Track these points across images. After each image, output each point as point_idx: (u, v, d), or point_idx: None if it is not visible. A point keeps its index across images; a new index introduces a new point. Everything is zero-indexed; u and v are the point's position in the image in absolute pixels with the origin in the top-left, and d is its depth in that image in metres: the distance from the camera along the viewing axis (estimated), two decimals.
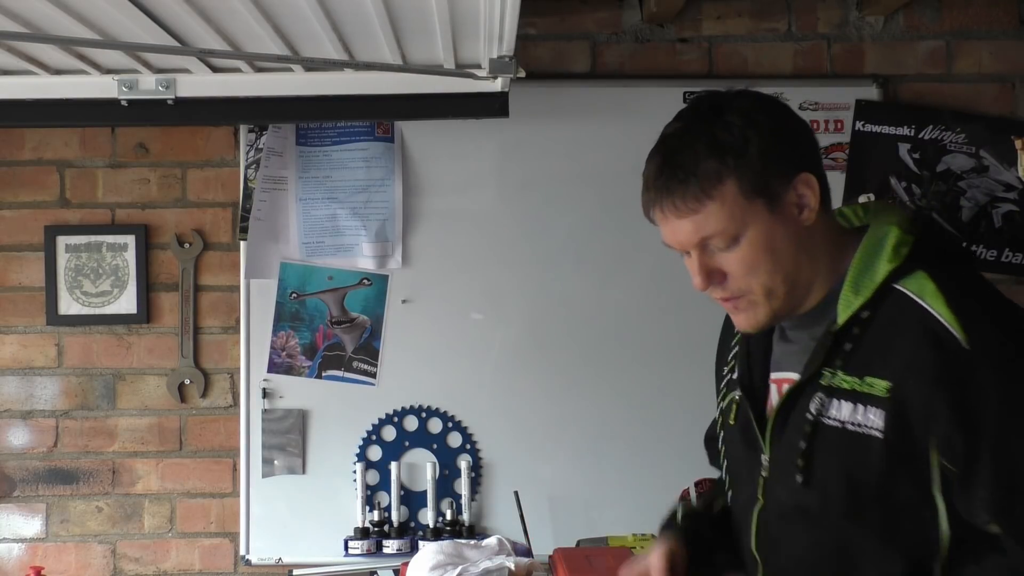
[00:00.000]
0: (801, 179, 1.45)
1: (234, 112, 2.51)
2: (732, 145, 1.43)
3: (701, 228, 1.45)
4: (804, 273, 1.48)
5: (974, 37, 3.09)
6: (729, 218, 1.43)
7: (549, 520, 2.96)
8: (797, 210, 1.46)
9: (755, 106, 1.48)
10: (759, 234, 1.44)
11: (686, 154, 1.46)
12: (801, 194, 1.45)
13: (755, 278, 1.46)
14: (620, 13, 3.07)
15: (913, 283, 1.41)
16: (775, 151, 1.44)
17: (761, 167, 1.43)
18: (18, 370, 3.05)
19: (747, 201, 1.43)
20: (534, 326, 3.01)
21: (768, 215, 1.44)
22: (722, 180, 1.43)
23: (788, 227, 1.45)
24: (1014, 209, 3.02)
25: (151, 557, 3.04)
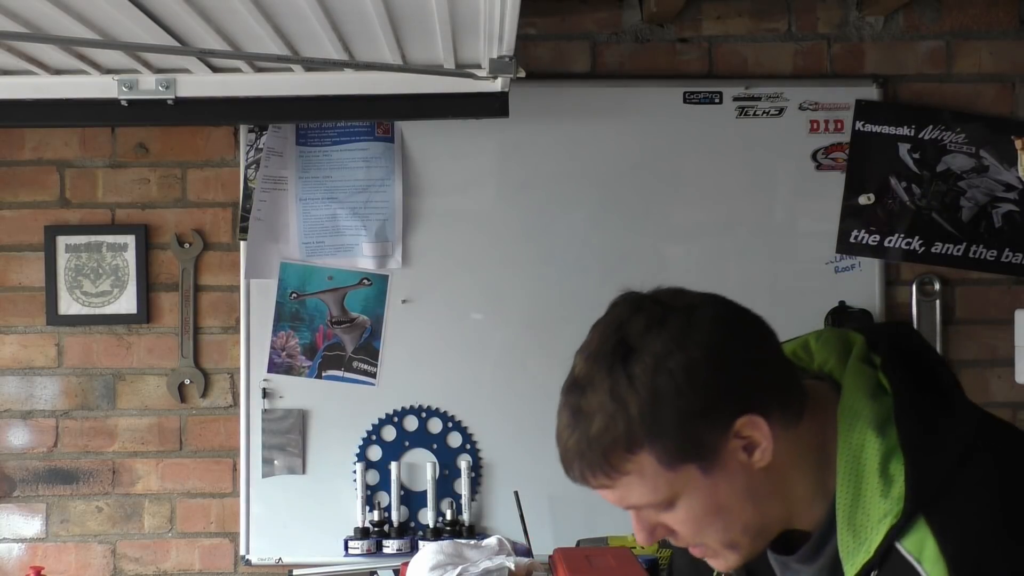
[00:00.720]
0: (742, 424, 1.18)
1: (234, 112, 2.51)
2: (640, 410, 1.16)
3: (623, 499, 1.24)
4: (775, 511, 1.24)
5: (974, 37, 3.09)
6: (653, 490, 1.20)
7: (549, 520, 2.96)
8: (745, 454, 1.19)
9: (669, 346, 1.17)
10: (697, 499, 1.20)
11: (591, 419, 1.20)
12: (746, 437, 1.18)
13: (707, 536, 1.24)
14: (620, 13, 3.07)
15: (912, 541, 1.14)
16: (698, 405, 1.16)
17: (682, 429, 1.16)
18: (18, 370, 3.05)
19: (671, 470, 1.18)
20: (534, 326, 3.01)
21: (704, 478, 1.18)
22: (634, 452, 1.18)
23: (735, 479, 1.19)
24: (1014, 209, 3.02)
25: (151, 557, 3.04)
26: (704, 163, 3.03)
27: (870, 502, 1.18)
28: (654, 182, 3.02)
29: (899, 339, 1.28)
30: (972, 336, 3.06)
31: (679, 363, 1.16)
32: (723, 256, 3.02)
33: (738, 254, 3.02)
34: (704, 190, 3.03)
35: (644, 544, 1.29)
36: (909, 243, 3.02)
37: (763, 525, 1.24)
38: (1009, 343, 2.86)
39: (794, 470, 1.23)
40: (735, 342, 1.21)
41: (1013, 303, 2.97)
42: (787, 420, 1.21)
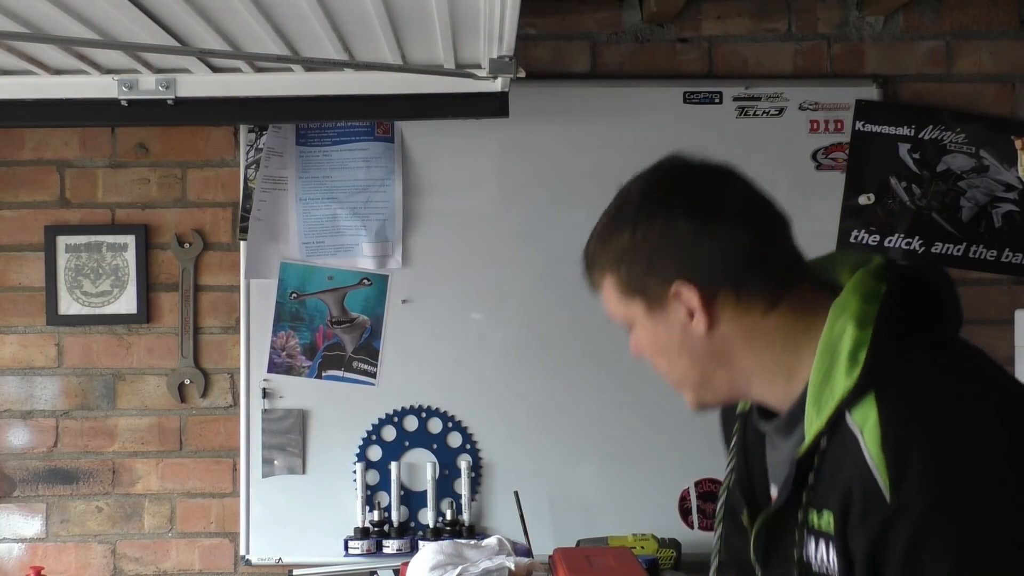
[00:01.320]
0: (677, 286, 1.37)
1: (234, 112, 2.51)
2: (616, 244, 1.44)
3: (604, 303, 1.48)
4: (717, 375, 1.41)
5: (974, 37, 3.09)
6: (615, 304, 1.45)
7: (549, 520, 2.96)
8: (687, 317, 1.38)
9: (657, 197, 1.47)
10: (643, 333, 1.44)
11: (597, 240, 1.49)
12: (685, 300, 1.37)
13: (659, 368, 1.46)
14: (620, 13, 3.07)
15: (859, 413, 1.26)
16: (654, 253, 1.40)
17: (636, 269, 1.41)
18: (18, 370, 3.05)
19: (625, 297, 1.43)
20: (534, 326, 3.01)
21: (647, 315, 1.41)
22: (604, 273, 1.45)
23: (673, 332, 1.39)
24: (1014, 209, 3.02)
25: (151, 557, 3.04)
26: None
27: (836, 381, 1.30)
28: None
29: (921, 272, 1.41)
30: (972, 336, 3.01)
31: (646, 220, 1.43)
32: None
33: None
34: None
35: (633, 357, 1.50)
36: (909, 243, 3.02)
37: (703, 381, 1.42)
38: (1009, 343, 2.85)
39: (745, 349, 1.39)
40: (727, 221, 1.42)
41: (1013, 303, 2.97)
42: (749, 304, 1.38)
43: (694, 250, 1.39)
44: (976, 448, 1.21)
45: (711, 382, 1.42)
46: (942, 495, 1.19)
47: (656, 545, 2.77)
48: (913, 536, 1.19)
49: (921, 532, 1.19)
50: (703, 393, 1.43)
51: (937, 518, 1.18)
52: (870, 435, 1.24)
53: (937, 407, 1.25)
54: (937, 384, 1.28)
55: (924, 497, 1.19)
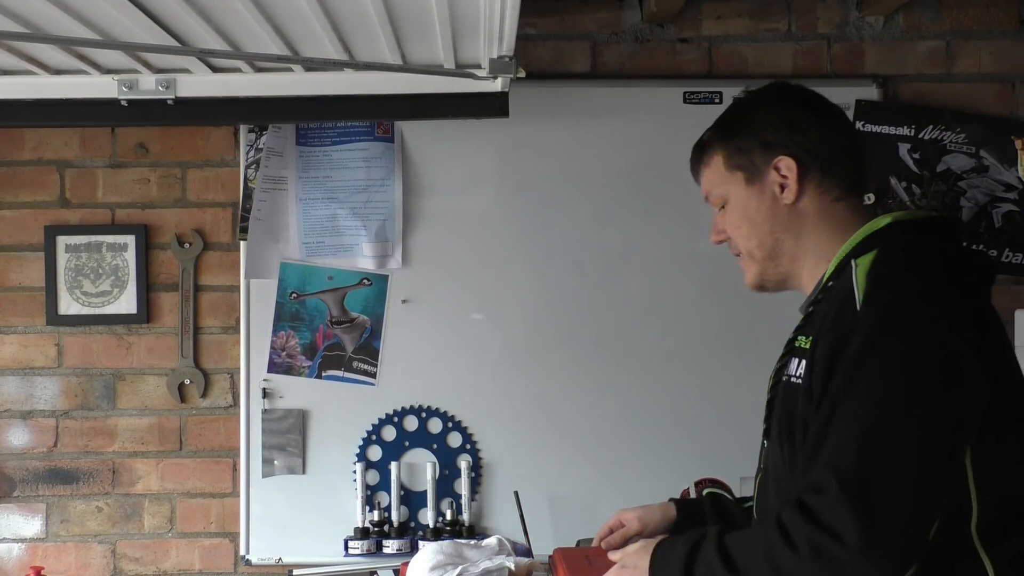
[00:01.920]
0: (782, 162, 1.66)
1: (234, 112, 2.51)
2: (729, 123, 1.74)
3: (705, 185, 1.77)
4: (785, 246, 1.68)
5: (974, 37, 3.09)
6: (717, 181, 1.73)
7: (549, 520, 2.96)
8: (779, 188, 1.66)
9: (776, 92, 1.74)
10: (737, 201, 1.71)
11: (712, 129, 1.77)
12: (783, 175, 1.66)
13: (738, 239, 1.72)
14: (620, 13, 3.07)
15: (863, 257, 1.55)
16: (762, 133, 1.67)
17: (744, 145, 1.69)
18: (18, 370, 3.05)
19: (728, 172, 1.71)
20: (534, 326, 3.01)
21: (744, 187, 1.69)
22: (714, 151, 1.74)
23: (763, 201, 1.68)
24: (1014, 209, 3.02)
25: (151, 557, 3.04)
26: None
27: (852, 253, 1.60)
28: (654, 182, 3.02)
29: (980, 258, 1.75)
30: None
31: (775, 105, 1.71)
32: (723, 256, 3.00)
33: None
34: None
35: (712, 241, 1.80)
36: None
37: (773, 250, 1.69)
38: None
39: (813, 225, 1.67)
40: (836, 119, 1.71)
41: (1013, 303, 2.96)
42: (828, 188, 1.66)
43: (800, 133, 1.66)
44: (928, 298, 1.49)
45: (779, 253, 1.69)
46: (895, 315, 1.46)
47: None
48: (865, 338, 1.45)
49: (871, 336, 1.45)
50: (767, 265, 1.70)
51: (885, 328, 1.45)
52: (861, 267, 1.54)
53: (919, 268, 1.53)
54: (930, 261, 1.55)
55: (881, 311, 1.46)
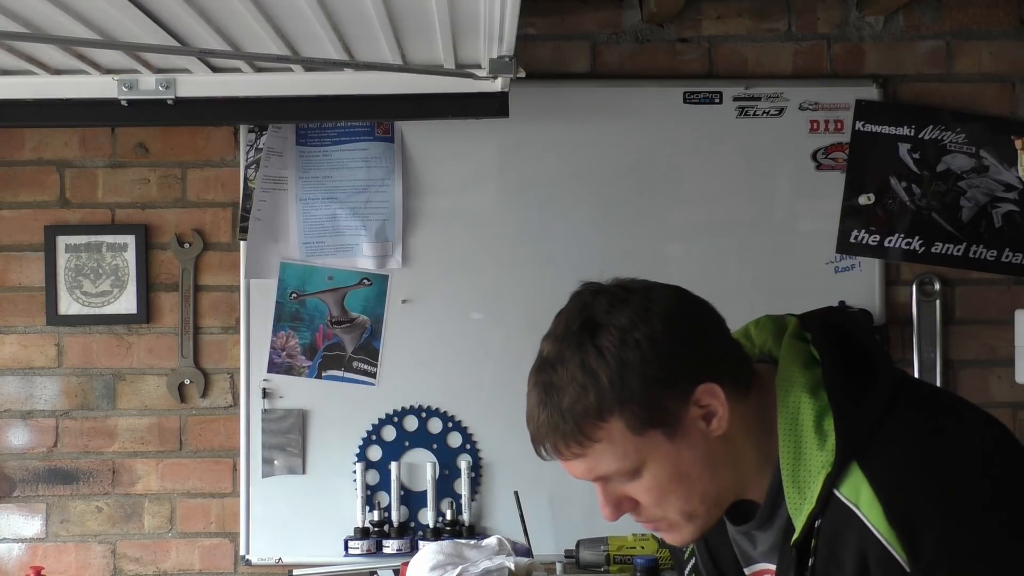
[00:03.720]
0: (702, 392, 1.29)
1: (234, 112, 2.51)
2: (609, 377, 1.27)
3: (594, 469, 1.32)
4: (728, 481, 1.34)
5: (974, 37, 3.09)
6: (622, 456, 1.29)
7: (549, 520, 2.96)
8: (704, 423, 1.30)
9: (633, 320, 1.29)
10: (662, 465, 1.30)
11: (562, 392, 1.29)
12: (705, 406, 1.29)
13: (669, 506, 1.33)
14: (620, 13, 3.07)
15: (849, 487, 1.25)
16: (662, 373, 1.27)
17: (649, 395, 1.27)
18: (18, 370, 3.05)
19: (639, 435, 1.28)
20: (534, 326, 3.00)
21: (668, 443, 1.29)
22: (604, 419, 1.28)
23: (696, 446, 1.30)
24: (1014, 209, 3.02)
25: (151, 557, 3.04)
26: (704, 163, 3.03)
27: (809, 457, 1.28)
28: (654, 182, 3.02)
29: (829, 317, 1.39)
30: (972, 336, 3.06)
31: (643, 334, 1.28)
32: (723, 256, 3.02)
33: (738, 254, 3.02)
34: (704, 190, 3.03)
35: (609, 519, 1.36)
36: (909, 243, 3.02)
37: (718, 494, 1.34)
38: (1009, 343, 2.86)
39: (744, 440, 1.33)
40: (691, 318, 1.33)
41: (1013, 303, 2.97)
42: (738, 393, 1.32)
43: (696, 341, 1.32)
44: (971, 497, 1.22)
45: (722, 494, 1.34)
46: (961, 553, 1.20)
47: (656, 545, 2.77)
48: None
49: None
50: (713, 514, 1.35)
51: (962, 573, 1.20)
52: (869, 510, 1.23)
53: (923, 465, 1.24)
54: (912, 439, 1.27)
55: (944, 557, 1.20)
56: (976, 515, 1.21)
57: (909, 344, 3.03)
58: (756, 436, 1.34)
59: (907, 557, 1.20)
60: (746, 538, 1.41)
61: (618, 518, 1.36)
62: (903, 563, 1.21)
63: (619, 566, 2.76)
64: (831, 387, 1.29)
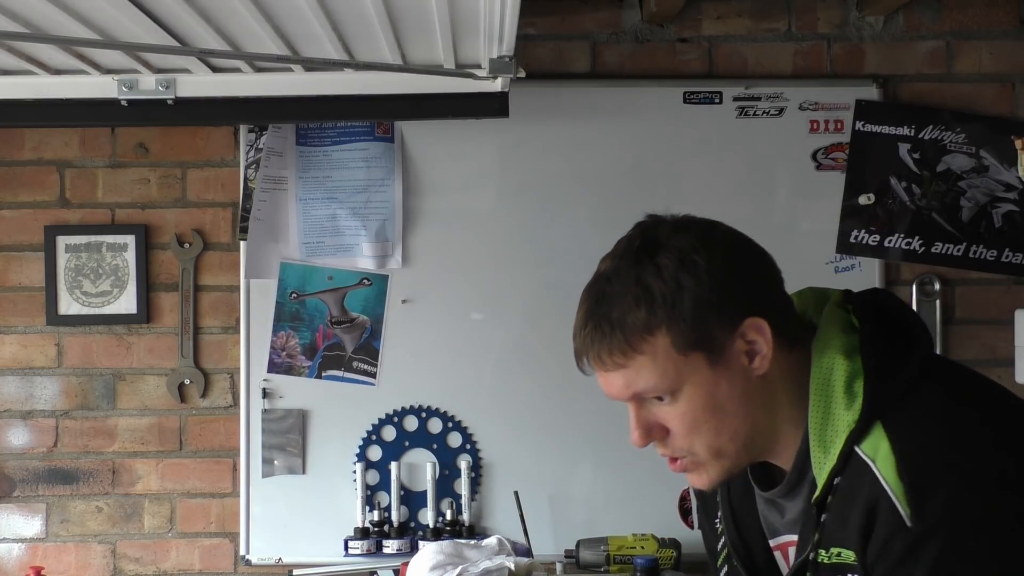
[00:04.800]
0: (749, 325, 1.29)
1: (234, 112, 2.51)
2: (663, 293, 1.28)
3: (632, 383, 1.31)
4: (762, 425, 1.33)
5: (974, 37, 3.09)
6: (662, 374, 1.29)
7: (549, 520, 2.96)
8: (747, 359, 1.30)
9: (694, 244, 1.31)
10: (699, 390, 1.29)
11: (613, 302, 1.30)
12: (751, 341, 1.30)
13: (698, 437, 1.32)
14: (620, 13, 3.07)
15: (869, 444, 1.25)
16: (714, 298, 1.28)
17: (698, 317, 1.27)
18: (18, 370, 3.05)
19: (682, 355, 1.28)
20: (534, 326, 3.01)
21: (709, 369, 1.29)
22: (652, 333, 1.28)
23: (735, 380, 1.30)
24: (1014, 209, 3.02)
25: (151, 557, 3.04)
26: (704, 163, 3.03)
27: (837, 417, 1.29)
28: (654, 182, 3.02)
29: (872, 295, 1.41)
30: (972, 336, 3.06)
31: (702, 258, 1.29)
32: None
33: None
34: (704, 190, 3.03)
35: (638, 444, 1.35)
36: (909, 243, 3.02)
37: (749, 436, 1.33)
38: (1009, 343, 2.86)
39: (782, 391, 1.33)
40: (751, 256, 1.36)
41: (1013, 303, 2.97)
42: (784, 341, 1.32)
43: (751, 277, 1.33)
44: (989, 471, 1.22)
45: (755, 438, 1.34)
46: (965, 521, 1.19)
47: (656, 545, 2.77)
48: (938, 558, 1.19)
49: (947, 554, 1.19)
50: (741, 457, 1.35)
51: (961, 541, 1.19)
52: (884, 464, 1.23)
53: (946, 430, 1.24)
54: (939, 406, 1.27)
55: (947, 521, 1.19)
56: (990, 489, 1.20)
57: None
58: (793, 392, 1.33)
59: (911, 513, 1.20)
60: (773, 507, 1.41)
61: (646, 444, 1.36)
62: (905, 518, 1.20)
63: (619, 566, 2.76)
64: (866, 351, 1.30)
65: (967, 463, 1.21)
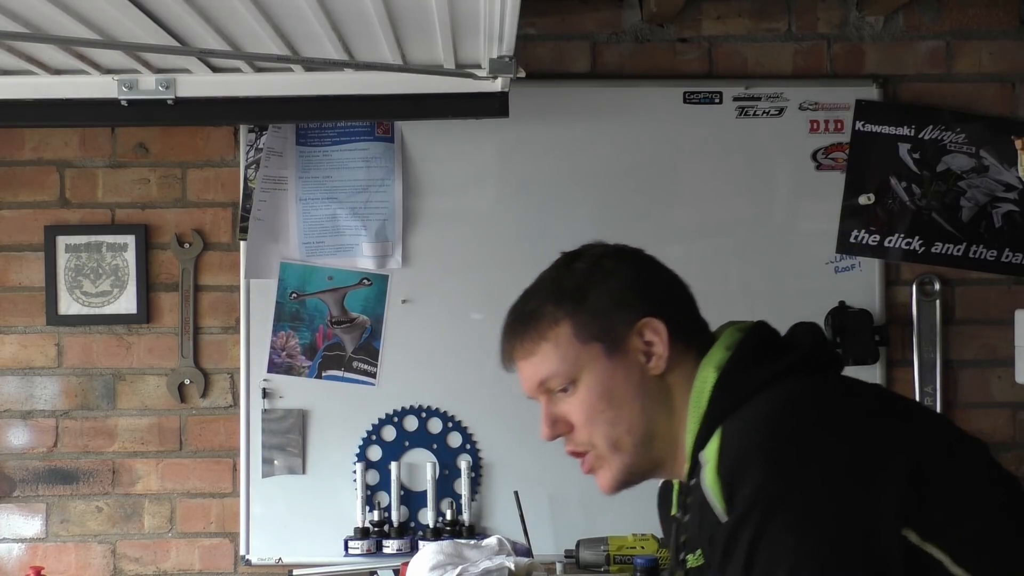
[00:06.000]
0: (646, 324, 1.39)
1: (234, 112, 2.50)
2: (572, 288, 1.43)
3: (538, 370, 1.43)
4: (660, 426, 1.40)
5: (974, 37, 3.09)
6: (562, 359, 1.41)
7: (549, 520, 2.96)
8: (644, 358, 1.40)
9: (608, 252, 1.47)
10: (596, 378, 1.40)
11: (530, 298, 1.47)
12: (648, 342, 1.40)
13: (596, 428, 1.40)
14: (620, 13, 3.07)
15: (707, 449, 1.31)
16: (618, 295, 1.41)
17: (600, 309, 1.40)
18: (18, 370, 3.05)
19: (582, 344, 1.40)
20: None
21: (606, 360, 1.39)
22: (557, 322, 1.42)
23: (631, 374, 1.39)
24: (1014, 209, 3.02)
25: (151, 557, 3.04)
26: (704, 163, 3.03)
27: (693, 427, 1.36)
28: (654, 182, 3.02)
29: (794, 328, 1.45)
30: (972, 336, 3.06)
31: (612, 262, 1.44)
32: (723, 256, 3.02)
33: (738, 254, 3.03)
34: (704, 190, 3.03)
35: (545, 437, 1.46)
36: (909, 243, 3.02)
37: (647, 434, 1.39)
38: (1009, 343, 2.86)
39: (681, 400, 1.39)
40: (661, 271, 1.47)
41: (1013, 303, 2.97)
42: (683, 349, 1.40)
43: (656, 285, 1.44)
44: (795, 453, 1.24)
45: (654, 436, 1.40)
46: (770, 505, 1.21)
47: (656, 545, 2.77)
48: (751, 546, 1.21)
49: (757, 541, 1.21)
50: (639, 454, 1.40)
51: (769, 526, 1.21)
52: (709, 466, 1.28)
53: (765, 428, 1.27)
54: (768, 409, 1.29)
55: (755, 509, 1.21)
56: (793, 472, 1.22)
57: (909, 344, 3.03)
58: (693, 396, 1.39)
59: (724, 508, 1.24)
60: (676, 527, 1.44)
61: (552, 438, 1.46)
62: (720, 514, 1.24)
63: (619, 566, 2.76)
64: (726, 366, 1.36)
65: (775, 452, 1.24)
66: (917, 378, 3.02)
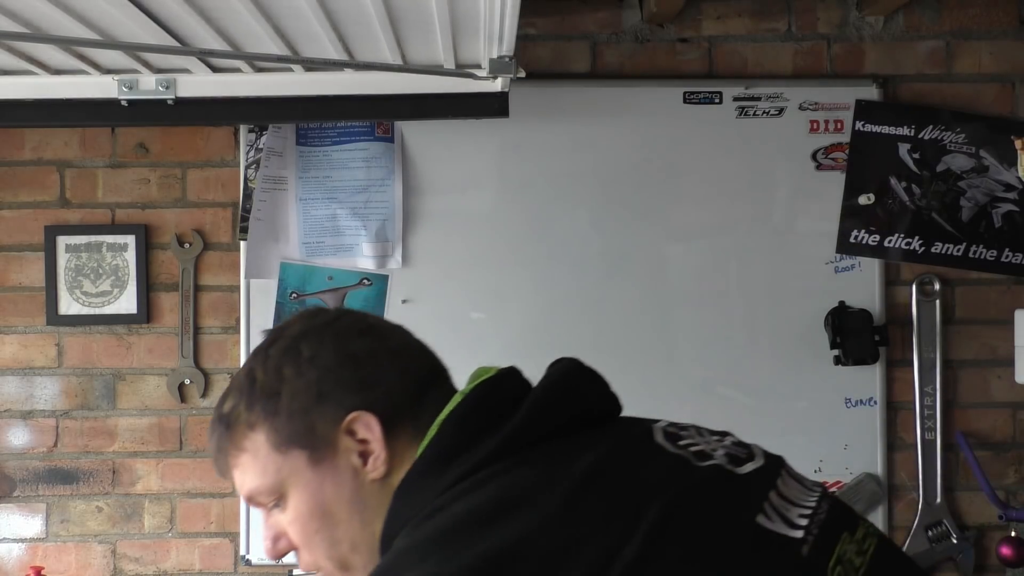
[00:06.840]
0: (353, 419, 1.15)
1: (234, 112, 2.51)
2: (263, 384, 1.17)
3: (243, 484, 1.19)
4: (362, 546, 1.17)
5: (974, 37, 3.09)
6: (263, 472, 1.16)
7: None
8: (360, 459, 1.15)
9: (304, 332, 1.20)
10: (303, 493, 1.15)
11: (228, 396, 1.21)
12: (362, 440, 1.16)
13: (316, 550, 1.17)
14: (620, 13, 3.07)
15: None
16: (315, 388, 1.16)
17: (295, 409, 1.15)
18: (18, 370, 3.05)
19: (280, 453, 1.16)
20: (534, 326, 3.01)
21: (310, 470, 1.15)
22: (252, 427, 1.17)
23: (342, 483, 1.15)
24: (1014, 209, 3.02)
25: (151, 557, 3.04)
26: (704, 163, 3.03)
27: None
28: (654, 182, 3.02)
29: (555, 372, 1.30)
30: (972, 336, 3.06)
31: (308, 346, 1.18)
32: (723, 256, 3.02)
33: (738, 254, 3.02)
34: (704, 190, 3.03)
35: (268, 556, 1.22)
36: (909, 243, 3.02)
37: (376, 547, 1.15)
38: (1009, 343, 2.86)
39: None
40: (372, 339, 1.22)
41: (1013, 303, 2.97)
42: (411, 440, 1.17)
43: (366, 367, 1.19)
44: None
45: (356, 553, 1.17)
46: None
47: None
48: None
49: None
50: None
51: None
52: None
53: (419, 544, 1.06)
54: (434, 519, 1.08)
55: None
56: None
57: (909, 344, 3.03)
58: None
59: None
60: None
61: (277, 557, 1.22)
62: None
63: None
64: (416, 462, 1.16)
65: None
66: (917, 378, 3.02)
